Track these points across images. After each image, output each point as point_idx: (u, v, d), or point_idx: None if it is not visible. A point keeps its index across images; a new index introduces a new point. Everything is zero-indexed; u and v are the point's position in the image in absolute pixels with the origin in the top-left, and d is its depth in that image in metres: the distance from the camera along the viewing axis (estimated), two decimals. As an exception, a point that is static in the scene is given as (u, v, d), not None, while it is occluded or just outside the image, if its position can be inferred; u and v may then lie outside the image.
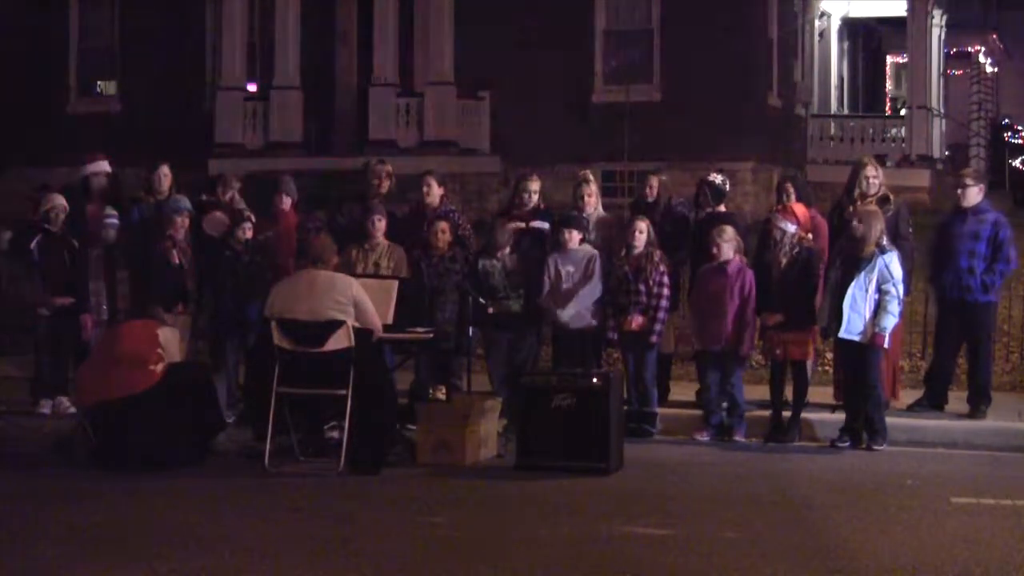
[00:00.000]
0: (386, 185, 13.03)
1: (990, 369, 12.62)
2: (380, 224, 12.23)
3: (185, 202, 12.99)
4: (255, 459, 10.63)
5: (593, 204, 12.79)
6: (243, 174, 20.31)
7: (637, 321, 11.98)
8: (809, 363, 12.41)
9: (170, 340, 11.01)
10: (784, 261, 11.80)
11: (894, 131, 27.76)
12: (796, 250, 11.80)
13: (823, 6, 29.84)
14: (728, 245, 11.89)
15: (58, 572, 7.69)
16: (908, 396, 12.76)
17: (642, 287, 11.99)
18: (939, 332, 12.69)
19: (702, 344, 12.21)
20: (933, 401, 12.43)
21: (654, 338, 12.00)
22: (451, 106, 24.10)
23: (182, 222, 12.72)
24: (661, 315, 12.00)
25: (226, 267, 12.49)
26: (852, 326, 11.34)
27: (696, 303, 12.19)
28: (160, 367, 10.73)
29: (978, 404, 12.25)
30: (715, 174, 12.92)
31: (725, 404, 12.01)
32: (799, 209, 12.11)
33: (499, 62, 23.93)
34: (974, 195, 12.31)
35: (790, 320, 11.76)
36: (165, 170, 13.60)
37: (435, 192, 12.91)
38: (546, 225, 12.68)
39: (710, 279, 11.99)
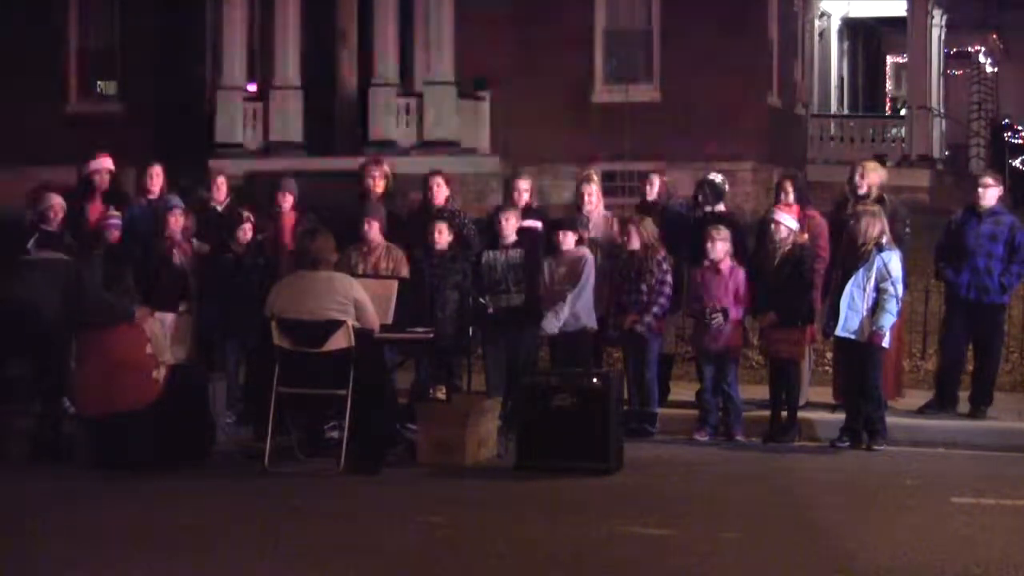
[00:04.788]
0: (381, 185, 12.97)
1: (997, 371, 12.60)
2: (374, 225, 12.19)
3: (177, 200, 12.97)
4: (255, 459, 10.63)
5: (594, 203, 12.79)
6: (243, 174, 20.45)
7: (636, 320, 11.98)
8: (807, 362, 12.42)
9: (157, 332, 10.98)
10: (776, 259, 11.81)
11: (894, 131, 27.81)
12: (789, 248, 11.81)
13: (823, 6, 29.86)
14: (722, 244, 11.90)
15: (58, 572, 7.69)
16: (909, 395, 12.75)
17: (643, 287, 12.00)
18: (947, 332, 12.60)
19: (696, 343, 12.24)
20: (943, 403, 12.39)
21: (641, 328, 11.91)
22: (451, 106, 24.11)
23: (175, 220, 12.70)
24: (655, 309, 11.96)
25: (227, 268, 12.48)
26: (849, 324, 11.34)
27: (692, 302, 12.19)
28: (161, 373, 10.72)
29: (979, 404, 12.25)
30: (715, 173, 12.94)
31: (720, 403, 12.01)
32: (793, 210, 12.14)
33: (499, 62, 23.94)
34: (993, 196, 12.28)
35: (781, 319, 11.78)
36: (157, 170, 13.58)
37: (443, 192, 12.90)
38: (539, 224, 12.64)
39: (703, 278, 12.00)
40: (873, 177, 12.37)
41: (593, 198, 12.77)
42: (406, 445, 11.13)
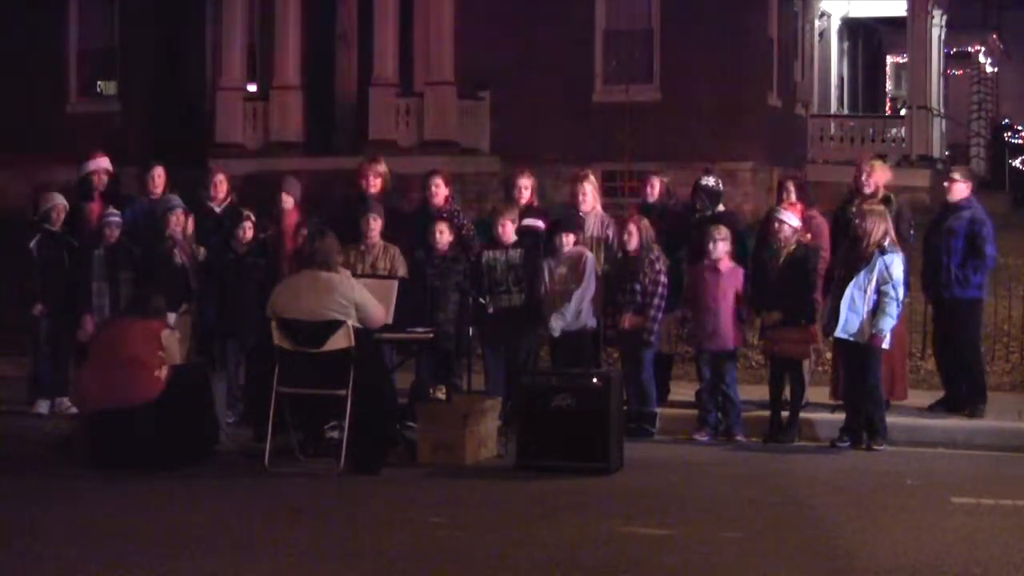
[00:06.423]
0: (378, 184, 12.94)
1: (980, 367, 12.55)
2: (375, 224, 12.20)
3: (177, 200, 12.98)
4: (255, 459, 10.63)
5: (591, 202, 12.79)
6: (243, 174, 20.45)
7: (630, 320, 12.00)
8: (807, 363, 12.42)
9: (172, 342, 11.00)
10: (781, 259, 11.82)
11: (894, 131, 27.77)
12: (793, 247, 11.82)
13: (823, 6, 29.84)
14: (723, 244, 11.91)
15: (58, 572, 7.69)
16: (909, 396, 12.73)
17: (637, 286, 12.01)
18: (935, 331, 12.72)
19: (696, 343, 12.25)
20: (951, 402, 12.39)
21: (645, 335, 11.98)
22: (451, 106, 24.11)
23: (176, 219, 12.71)
24: (653, 313, 11.98)
25: (228, 267, 12.49)
26: (849, 325, 11.34)
27: (689, 302, 12.18)
28: (164, 372, 10.71)
29: (975, 403, 12.24)
30: (707, 177, 12.86)
31: (720, 403, 12.01)
32: (797, 209, 12.15)
33: (499, 62, 23.94)
34: (959, 191, 12.33)
35: (786, 318, 11.78)
36: (159, 171, 13.60)
37: (441, 192, 12.90)
38: (540, 224, 12.65)
39: (703, 278, 12.00)
40: (879, 175, 12.40)
41: (589, 197, 12.77)
42: (406, 445, 11.14)
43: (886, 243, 11.34)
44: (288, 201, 13.17)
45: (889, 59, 35.93)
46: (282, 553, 8.04)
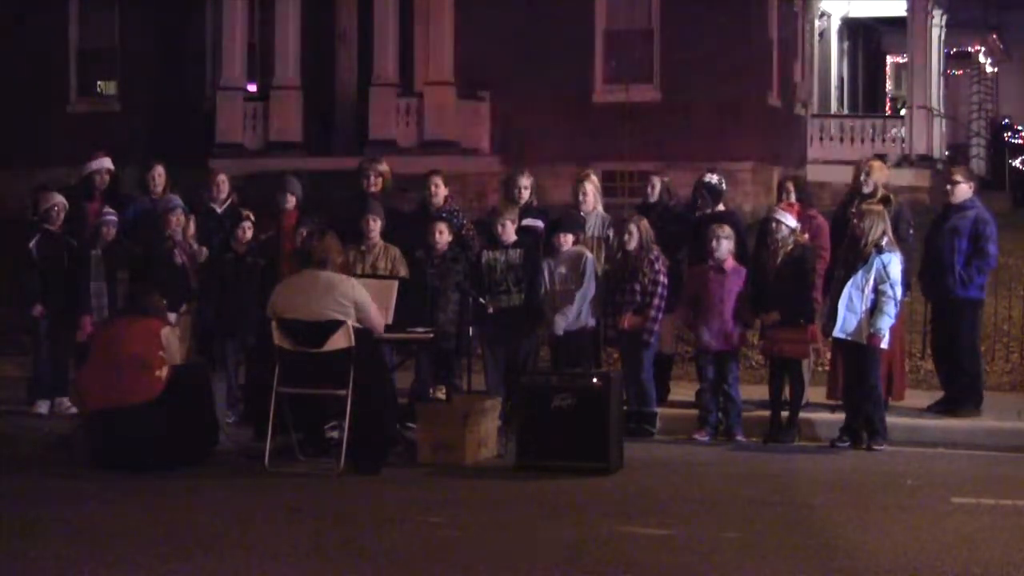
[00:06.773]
0: (379, 184, 12.96)
1: (977, 368, 12.54)
2: (375, 224, 12.20)
3: (177, 200, 12.99)
4: (255, 459, 10.63)
5: (592, 202, 12.80)
6: (243, 174, 20.44)
7: (630, 320, 12.00)
8: (807, 363, 12.42)
9: (172, 340, 11.00)
10: (779, 259, 11.81)
11: (894, 131, 27.77)
12: (791, 247, 11.82)
13: (823, 6, 29.85)
14: (727, 243, 11.91)
15: (58, 572, 7.68)
16: (908, 396, 12.74)
17: (636, 286, 12.01)
18: (935, 331, 12.72)
19: (697, 343, 12.25)
20: (950, 402, 12.37)
21: (645, 336, 11.99)
22: (451, 106, 24.10)
23: (177, 220, 12.72)
24: (653, 313, 11.99)
25: (228, 267, 12.49)
26: (846, 325, 11.34)
27: (691, 302, 12.17)
28: (164, 372, 10.70)
29: (972, 403, 12.22)
30: (710, 175, 12.89)
31: (720, 402, 12.01)
32: (794, 209, 12.17)
33: (499, 62, 23.93)
34: (962, 192, 12.33)
35: (785, 318, 11.78)
36: (160, 170, 13.62)
37: (441, 192, 12.91)
38: (539, 223, 12.66)
39: (705, 278, 12.00)
40: (879, 175, 12.42)
41: (590, 198, 12.78)
42: (406, 445, 11.14)
43: (884, 243, 11.34)
44: (288, 201, 13.17)
45: (889, 59, 35.94)
46: (282, 553, 8.04)
